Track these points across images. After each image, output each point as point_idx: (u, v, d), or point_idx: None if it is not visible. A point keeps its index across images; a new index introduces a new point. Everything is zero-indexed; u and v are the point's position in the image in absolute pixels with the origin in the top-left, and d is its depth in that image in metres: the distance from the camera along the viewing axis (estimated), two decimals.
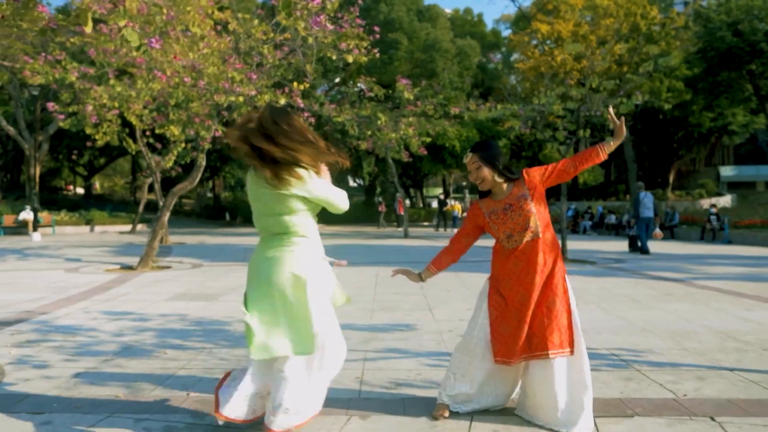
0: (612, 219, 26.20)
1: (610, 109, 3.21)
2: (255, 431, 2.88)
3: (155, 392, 3.65)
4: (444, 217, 29.74)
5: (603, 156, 3.08)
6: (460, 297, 7.52)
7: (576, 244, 17.38)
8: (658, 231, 14.47)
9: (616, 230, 25.02)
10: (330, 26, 11.44)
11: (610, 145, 3.08)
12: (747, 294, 7.83)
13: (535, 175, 3.10)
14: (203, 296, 7.69)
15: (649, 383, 3.81)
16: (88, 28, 4.63)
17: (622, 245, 17.21)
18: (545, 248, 3.04)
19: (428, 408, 3.29)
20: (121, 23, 5.24)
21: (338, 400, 3.42)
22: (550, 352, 2.94)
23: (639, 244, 14.75)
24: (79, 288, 8.41)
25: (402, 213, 30.85)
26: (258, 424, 2.85)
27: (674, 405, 3.37)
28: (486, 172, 3.05)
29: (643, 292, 8.07)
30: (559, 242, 3.10)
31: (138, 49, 9.26)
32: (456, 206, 30.61)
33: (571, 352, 2.97)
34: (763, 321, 5.94)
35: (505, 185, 3.11)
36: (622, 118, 3.09)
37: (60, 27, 18.23)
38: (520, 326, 3.00)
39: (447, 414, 3.13)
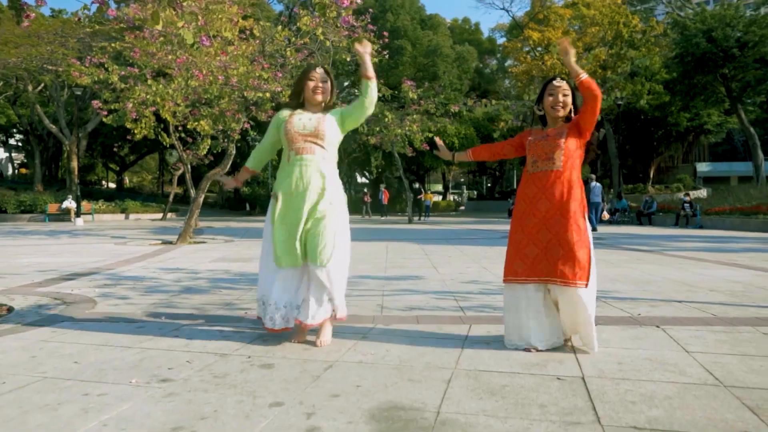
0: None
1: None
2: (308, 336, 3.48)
3: (220, 311, 4.26)
4: (419, 208, 29.69)
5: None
6: (459, 260, 8.11)
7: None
8: (605, 213, 17.28)
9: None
10: (345, 31, 12.05)
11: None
12: (707, 259, 8.39)
13: (578, 117, 3.15)
14: (241, 259, 8.32)
15: (611, 308, 4.40)
16: (159, 26, 5.22)
17: (602, 228, 17.81)
18: (564, 184, 3.04)
19: (436, 321, 3.89)
20: (179, 24, 5.82)
21: (364, 317, 4.02)
22: (568, 280, 2.93)
23: (592, 222, 16.58)
24: (132, 254, 9.04)
25: (386, 203, 31.67)
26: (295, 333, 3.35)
27: (629, 320, 3.97)
28: (570, 101, 3.14)
29: (617, 257, 8.64)
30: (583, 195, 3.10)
31: (192, 46, 9.83)
32: (429, 195, 30.82)
33: (586, 285, 2.94)
34: (716, 276, 6.50)
35: (561, 120, 3.18)
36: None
37: (102, 33, 18.64)
38: (532, 247, 3.08)
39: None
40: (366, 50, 3.21)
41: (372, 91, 3.21)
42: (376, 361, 2.92)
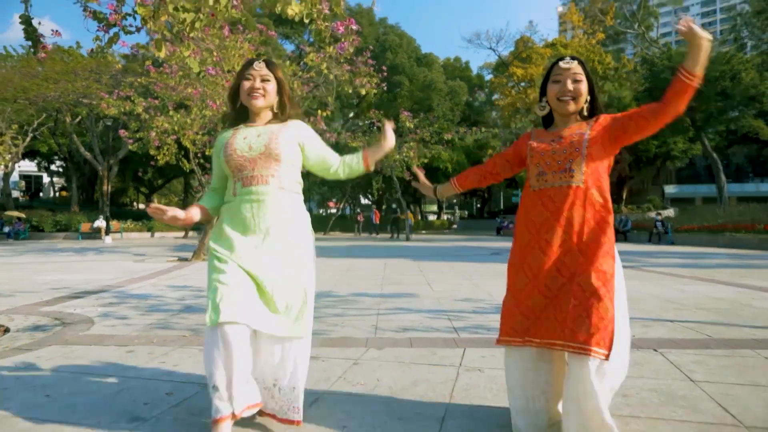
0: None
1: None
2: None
3: None
4: (396, 228, 27.98)
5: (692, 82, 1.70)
6: (453, 276, 7.63)
7: None
8: None
9: None
10: (347, 66, 11.74)
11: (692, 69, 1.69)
12: (685, 276, 7.91)
13: (607, 117, 1.98)
14: None
15: None
16: (162, 54, 4.80)
17: None
18: (587, 207, 1.87)
19: (429, 344, 3.41)
20: (186, 53, 5.43)
21: (358, 339, 3.55)
22: (579, 345, 1.71)
23: None
24: (146, 271, 8.57)
25: (377, 222, 31.05)
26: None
27: None
28: (585, 88, 1.95)
29: None
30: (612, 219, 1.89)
31: (198, 74, 9.49)
32: (409, 215, 29.59)
33: (606, 356, 1.68)
34: (697, 292, 6.02)
35: (576, 116, 2.01)
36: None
37: (132, 70, 18.42)
38: (537, 295, 1.88)
39: None
40: (388, 137, 2.20)
41: (356, 172, 2.23)
42: (367, 392, 2.45)
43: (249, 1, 3.78)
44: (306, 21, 3.89)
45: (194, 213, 2.10)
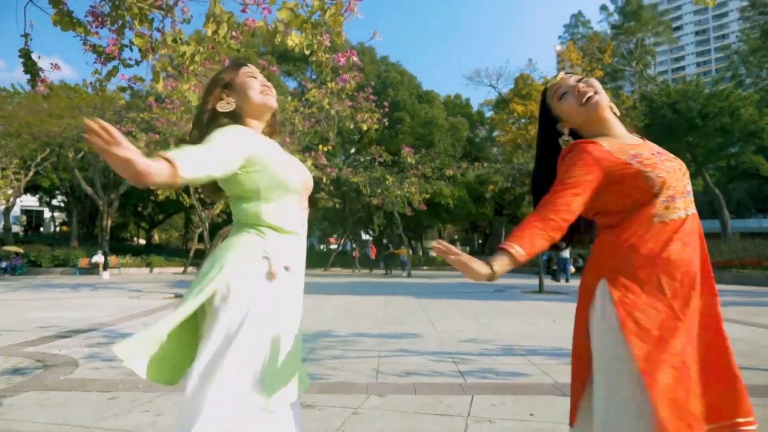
0: (580, 262, 25.81)
1: None
2: None
3: None
4: (390, 263, 27.68)
5: None
6: (456, 315, 7.38)
7: (549, 282, 17.16)
8: (572, 267, 17.36)
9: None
10: (349, 102, 11.79)
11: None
12: None
13: None
14: None
15: None
16: (160, 86, 4.71)
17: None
18: (703, 241, 1.44)
19: (434, 390, 3.18)
20: (185, 86, 5.36)
21: (358, 385, 3.32)
22: (740, 420, 1.31)
23: (558, 276, 17.38)
24: (140, 309, 8.32)
25: (373, 257, 30.59)
26: None
27: None
28: (594, 81, 1.58)
29: None
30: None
31: (197, 108, 9.44)
32: (403, 251, 28.80)
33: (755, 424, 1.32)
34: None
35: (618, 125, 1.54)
36: None
37: (135, 106, 18.58)
38: (694, 366, 1.32)
39: None
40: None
41: None
42: None
43: (248, 31, 3.69)
44: (306, 52, 3.81)
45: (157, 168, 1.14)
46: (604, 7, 39.32)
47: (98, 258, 23.91)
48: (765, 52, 24.66)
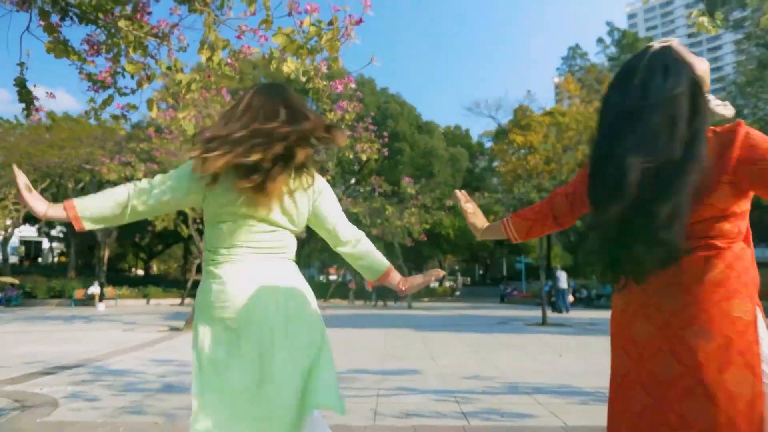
0: (584, 293, 25.49)
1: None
2: None
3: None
4: (379, 295, 26.77)
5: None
6: (458, 349, 7.14)
7: (551, 314, 16.86)
8: (570, 297, 17.51)
9: (587, 302, 24.23)
10: (348, 132, 11.78)
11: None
12: None
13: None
14: None
15: None
16: (153, 114, 4.62)
17: (591, 314, 16.72)
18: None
19: None
20: (181, 115, 5.27)
21: (354, 428, 3.11)
22: None
23: (560, 307, 16.96)
24: (132, 342, 8.08)
25: (370, 288, 29.97)
26: None
27: None
28: None
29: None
30: None
31: (193, 137, 9.36)
32: None
33: None
34: None
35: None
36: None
37: (136, 137, 18.62)
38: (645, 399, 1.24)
39: None
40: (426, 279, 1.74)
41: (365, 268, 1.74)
42: None
43: (243, 58, 3.61)
44: (303, 79, 3.72)
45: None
46: (600, 40, 39.93)
47: (94, 289, 23.65)
48: (762, 82, 24.87)
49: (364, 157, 12.19)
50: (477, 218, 1.78)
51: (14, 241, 49.08)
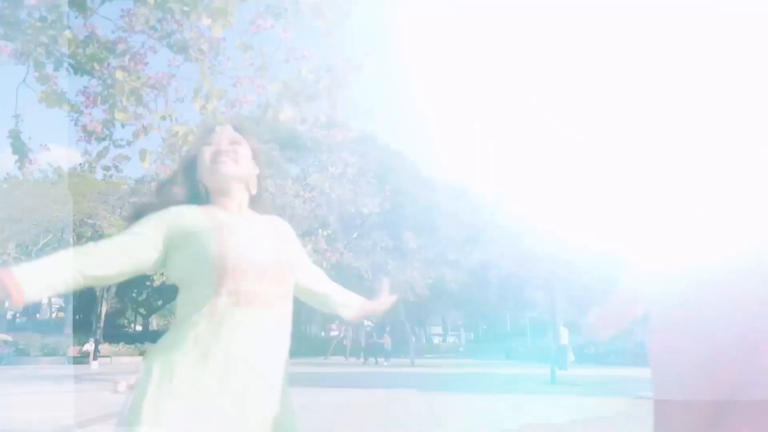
0: (591, 350, 24.61)
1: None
2: None
3: None
4: (368, 352, 26.18)
5: None
6: (466, 414, 6.66)
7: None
8: (571, 354, 17.08)
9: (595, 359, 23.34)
10: (350, 186, 11.68)
11: None
12: None
13: None
14: None
15: None
16: (146, 164, 4.47)
17: (601, 371, 16.04)
18: None
19: None
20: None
21: None
22: None
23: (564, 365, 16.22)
24: (114, 405, 7.59)
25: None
26: None
27: None
28: None
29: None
30: None
31: None
32: (387, 339, 25.99)
33: None
34: None
35: None
36: None
37: (137, 192, 18.67)
38: None
39: None
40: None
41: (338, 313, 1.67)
42: None
43: (238, 105, 3.46)
44: (300, 127, 3.56)
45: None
46: None
47: (89, 346, 23.02)
48: None
49: (365, 211, 12.08)
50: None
51: None
